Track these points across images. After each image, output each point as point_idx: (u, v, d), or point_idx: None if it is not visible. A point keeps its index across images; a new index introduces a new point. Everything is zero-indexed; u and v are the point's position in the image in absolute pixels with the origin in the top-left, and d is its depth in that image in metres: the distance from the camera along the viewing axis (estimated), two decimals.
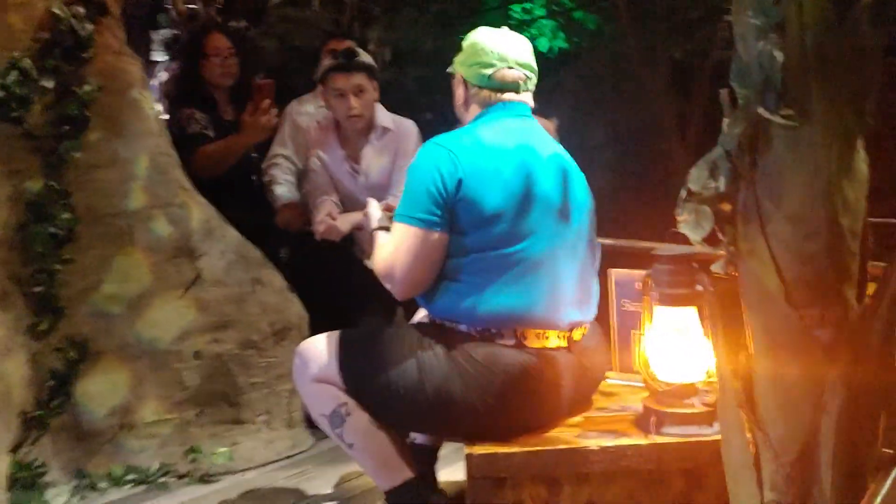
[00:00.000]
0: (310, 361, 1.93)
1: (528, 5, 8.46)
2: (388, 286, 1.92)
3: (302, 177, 3.08)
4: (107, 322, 2.62)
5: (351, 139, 2.96)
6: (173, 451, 2.65)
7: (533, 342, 1.83)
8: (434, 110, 4.74)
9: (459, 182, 1.81)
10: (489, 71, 1.94)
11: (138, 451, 2.63)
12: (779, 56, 1.36)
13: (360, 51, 2.92)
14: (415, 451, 2.09)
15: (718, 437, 1.82)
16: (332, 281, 2.88)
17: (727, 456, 1.60)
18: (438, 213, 1.82)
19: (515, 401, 1.80)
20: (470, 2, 5.78)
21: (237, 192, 3.08)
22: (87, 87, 2.58)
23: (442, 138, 1.91)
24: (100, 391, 2.61)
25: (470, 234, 1.82)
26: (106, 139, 2.62)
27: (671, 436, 1.81)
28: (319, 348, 1.94)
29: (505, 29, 2.03)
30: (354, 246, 3.16)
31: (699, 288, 1.84)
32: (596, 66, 5.85)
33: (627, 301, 2.25)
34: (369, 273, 3.07)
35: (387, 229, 2.05)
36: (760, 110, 1.40)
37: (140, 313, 2.64)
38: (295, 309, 2.80)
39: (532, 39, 8.57)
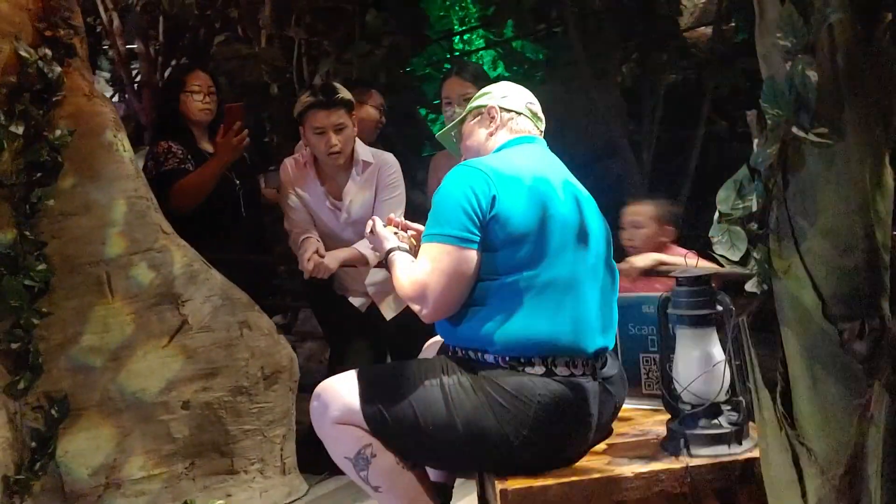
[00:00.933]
0: (330, 403, 1.87)
1: (466, 36, 8.59)
2: (417, 308, 1.87)
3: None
4: (88, 376, 2.49)
5: (330, 175, 2.91)
6: None
7: (562, 370, 1.81)
8: (386, 143, 4.75)
9: (494, 199, 1.81)
10: (524, 101, 2.08)
11: None
12: (813, 76, 1.39)
13: (339, 86, 2.89)
14: None
15: (749, 455, 1.84)
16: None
17: (768, 473, 1.60)
18: (474, 230, 1.81)
19: (549, 432, 1.77)
20: (418, 35, 5.82)
21: (228, 227, 3.00)
22: (58, 132, 2.47)
23: (471, 161, 1.94)
24: (83, 449, 2.49)
25: (500, 252, 1.82)
26: (80, 185, 2.51)
27: (702, 457, 1.80)
28: (339, 389, 1.88)
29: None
30: (334, 283, 3.11)
31: (719, 308, 1.86)
32: (545, 91, 5.94)
33: (632, 325, 2.25)
34: (353, 310, 3.04)
35: (404, 250, 2.02)
36: (795, 129, 1.42)
37: (123, 365, 2.53)
38: (285, 351, 2.72)
39: None
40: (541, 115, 2.11)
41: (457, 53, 7.51)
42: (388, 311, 3.02)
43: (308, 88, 2.88)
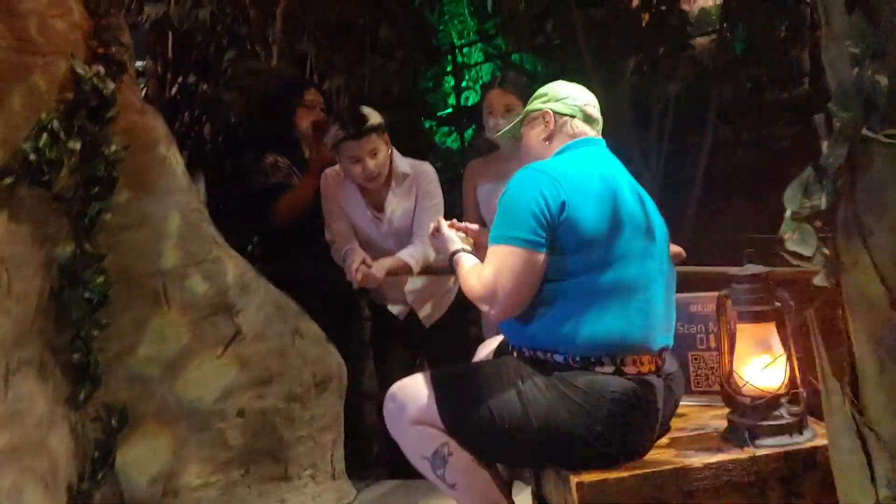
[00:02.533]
0: (407, 404, 1.93)
1: (466, 50, 8.69)
2: (486, 307, 1.94)
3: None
4: (145, 386, 2.55)
5: (371, 188, 2.98)
6: None
7: (630, 368, 1.88)
8: (403, 154, 4.85)
9: (563, 204, 1.86)
10: (579, 103, 2.10)
11: None
12: (882, 80, 1.47)
13: (367, 111, 2.94)
14: None
15: (811, 444, 1.92)
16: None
17: (836, 459, 1.68)
18: (543, 234, 1.87)
19: (622, 428, 1.85)
20: (427, 49, 5.90)
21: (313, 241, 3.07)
22: (113, 147, 2.53)
23: (539, 165, 1.99)
24: (141, 458, 2.53)
25: (570, 257, 1.88)
26: (135, 198, 2.57)
27: (767, 447, 1.88)
28: (415, 390, 1.95)
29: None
30: (371, 292, 3.17)
31: (777, 304, 1.95)
32: None
33: (681, 323, 2.33)
34: (392, 318, 3.10)
35: (468, 251, 2.09)
36: (865, 131, 1.51)
37: (179, 374, 2.58)
38: (334, 358, 2.78)
39: (474, 82, 8.79)
40: (597, 115, 2.14)
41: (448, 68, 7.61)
42: (427, 318, 3.09)
43: (337, 119, 2.92)
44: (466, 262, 2.05)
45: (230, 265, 2.67)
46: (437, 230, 2.20)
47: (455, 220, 2.26)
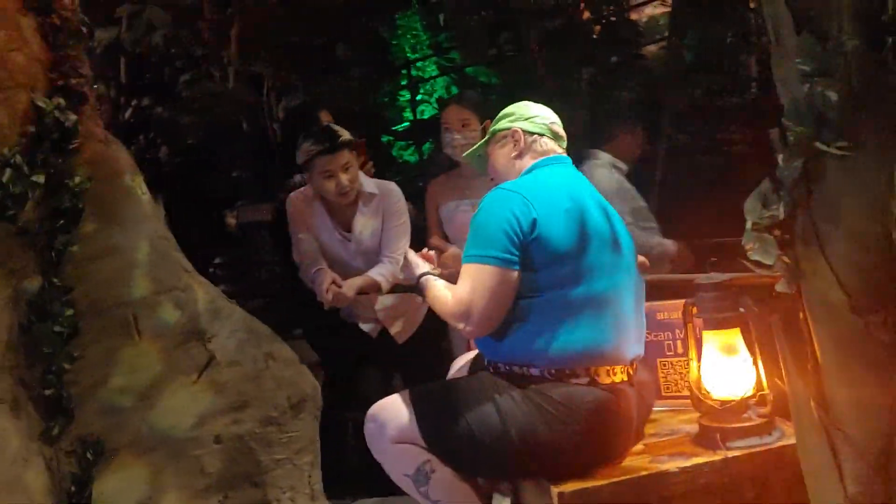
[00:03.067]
0: (387, 423, 1.96)
1: (419, 64, 8.76)
2: (461, 325, 1.99)
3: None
4: (118, 417, 2.52)
5: (338, 208, 3.00)
6: None
7: (604, 378, 1.94)
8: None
9: (534, 222, 1.92)
10: (546, 122, 2.17)
11: None
12: (832, 96, 1.55)
13: (337, 127, 2.98)
14: None
15: (780, 443, 1.99)
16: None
17: (805, 458, 1.75)
18: (515, 252, 1.92)
19: (598, 437, 1.90)
20: (384, 64, 5.95)
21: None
22: (77, 179, 2.51)
23: (509, 185, 2.05)
24: (117, 490, 2.50)
25: (542, 273, 1.93)
26: (101, 229, 2.55)
27: (738, 449, 1.95)
28: (394, 409, 1.98)
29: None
30: (341, 311, 3.20)
31: (742, 310, 2.02)
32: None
33: (648, 331, 2.40)
34: (364, 336, 3.13)
35: (435, 275, 2.13)
36: (818, 144, 1.59)
37: (153, 403, 2.56)
38: (308, 380, 2.79)
39: (429, 95, 8.85)
40: (562, 133, 2.21)
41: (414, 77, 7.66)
42: (399, 335, 3.12)
43: (309, 136, 2.95)
44: (434, 283, 2.10)
45: (200, 292, 2.66)
46: (405, 261, 2.25)
47: (424, 251, 2.30)
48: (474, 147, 2.36)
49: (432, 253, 2.30)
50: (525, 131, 2.16)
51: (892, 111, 1.59)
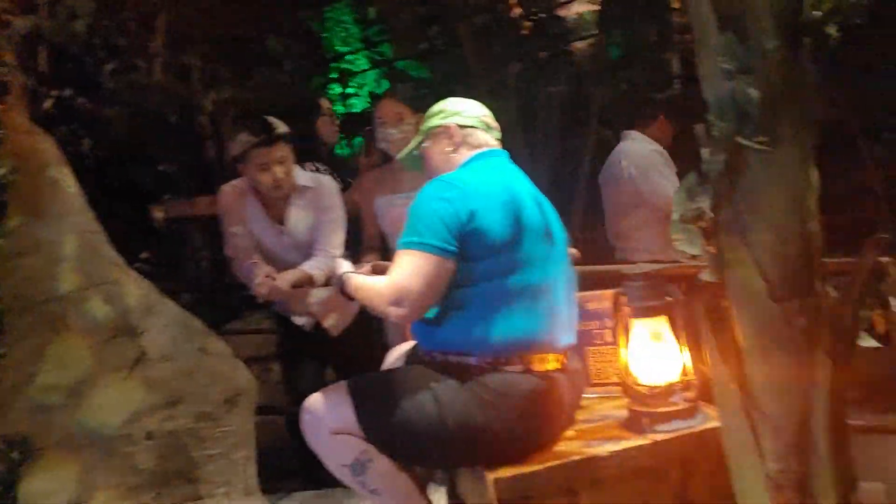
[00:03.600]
0: (324, 414, 1.97)
1: (349, 57, 8.72)
2: (392, 309, 1.97)
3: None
4: (46, 414, 2.47)
5: (272, 201, 2.98)
6: None
7: (538, 366, 1.98)
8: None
9: (472, 213, 1.94)
10: (478, 115, 2.20)
11: None
12: (754, 93, 1.63)
13: (274, 120, 2.96)
14: None
15: (704, 427, 2.08)
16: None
17: (728, 438, 1.83)
18: (453, 242, 1.94)
19: (533, 423, 1.95)
20: (316, 57, 5.90)
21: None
22: (1, 171, 2.45)
23: (447, 176, 2.07)
24: (46, 489, 2.45)
25: (478, 263, 1.96)
26: (27, 223, 2.49)
27: (666, 432, 2.03)
28: (332, 400, 1.99)
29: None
30: (275, 304, 3.18)
31: (669, 299, 2.10)
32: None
33: (578, 321, 2.46)
34: (297, 330, 3.12)
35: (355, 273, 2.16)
36: (739, 139, 1.66)
37: (82, 401, 2.51)
38: (243, 374, 2.77)
39: (359, 88, 8.83)
40: (495, 124, 2.24)
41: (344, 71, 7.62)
42: (333, 328, 3.11)
43: (245, 127, 2.92)
44: (358, 275, 2.12)
45: (132, 286, 2.62)
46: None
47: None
48: (408, 147, 2.36)
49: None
50: (459, 125, 2.18)
51: (808, 108, 1.68)
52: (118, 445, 2.54)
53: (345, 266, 2.21)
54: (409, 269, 1.96)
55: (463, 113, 2.21)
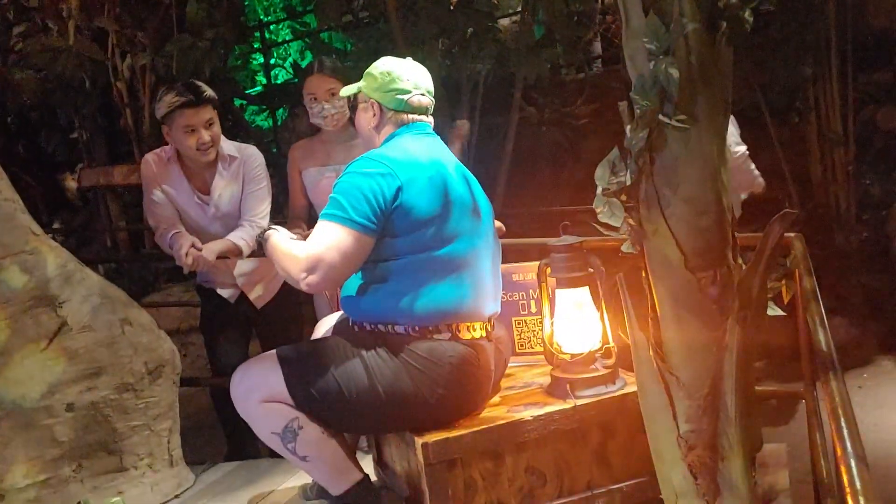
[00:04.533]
0: (254, 384, 1.98)
1: (272, 27, 8.57)
2: (303, 276, 1.97)
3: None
4: None
5: (196, 170, 2.94)
6: None
7: (465, 334, 2.04)
8: None
9: (398, 190, 1.96)
10: (405, 97, 2.14)
11: None
12: (674, 73, 1.70)
13: (203, 84, 2.91)
14: None
15: (622, 392, 2.18)
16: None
17: (644, 401, 1.93)
18: (374, 219, 1.96)
19: (460, 389, 2.01)
20: (238, 27, 5.78)
21: None
22: None
23: (374, 153, 2.06)
24: None
25: (403, 238, 1.99)
26: None
27: (586, 397, 2.12)
28: (261, 370, 2.00)
29: (410, 59, 2.23)
30: (198, 276, 3.15)
31: (591, 270, 2.18)
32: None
33: (504, 292, 2.53)
34: (222, 301, 3.10)
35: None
36: (661, 117, 1.74)
37: None
38: (166, 345, 2.74)
39: (283, 60, 8.76)
40: (426, 101, 2.17)
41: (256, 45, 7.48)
42: (258, 300, 3.11)
43: (171, 89, 2.86)
44: (281, 236, 2.10)
45: (50, 256, 2.55)
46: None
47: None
48: (347, 90, 2.25)
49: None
50: (383, 106, 2.15)
51: (723, 89, 1.78)
52: (37, 417, 2.50)
53: (278, 230, 2.18)
54: (327, 241, 1.97)
55: (392, 92, 2.13)
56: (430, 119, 2.22)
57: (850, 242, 5.21)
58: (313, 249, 1.98)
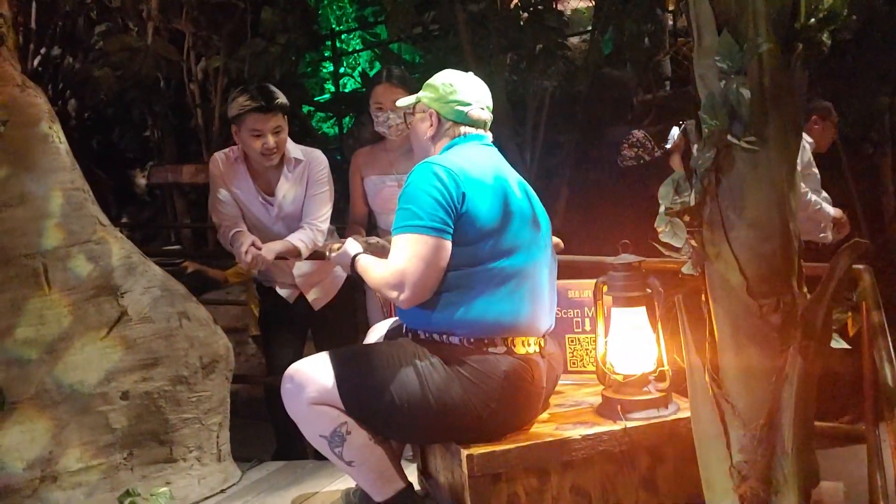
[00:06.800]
0: (306, 385, 1.99)
1: (344, 36, 8.69)
2: (394, 294, 2.00)
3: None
4: (23, 368, 2.47)
5: (262, 171, 2.99)
6: (103, 498, 2.54)
7: (519, 349, 2.02)
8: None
9: (464, 196, 1.96)
10: (466, 109, 2.14)
11: (64, 503, 2.50)
12: (745, 93, 1.67)
13: (275, 89, 2.96)
14: None
15: (675, 417, 2.13)
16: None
17: (697, 428, 1.88)
18: (449, 222, 1.96)
19: (511, 403, 1.98)
20: (310, 34, 5.88)
21: None
22: None
23: (437, 159, 2.05)
24: (18, 443, 2.46)
25: (465, 248, 1.98)
26: (15, 175, 2.48)
27: (637, 420, 2.08)
28: (313, 371, 2.01)
29: (472, 74, 2.23)
30: (259, 276, 3.20)
31: (648, 291, 2.14)
32: None
33: (558, 308, 2.50)
34: (281, 301, 3.14)
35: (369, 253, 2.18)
36: (729, 137, 1.70)
37: (59, 357, 2.51)
38: (222, 341, 2.78)
39: (352, 69, 8.88)
40: (484, 115, 2.17)
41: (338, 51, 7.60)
42: (316, 302, 3.14)
43: (244, 91, 2.91)
44: (367, 259, 2.13)
45: (115, 246, 2.62)
46: (340, 246, 2.27)
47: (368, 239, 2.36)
48: (405, 101, 2.28)
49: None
50: (441, 115, 2.15)
51: (795, 111, 1.73)
52: (93, 403, 2.55)
53: (354, 247, 2.22)
54: (406, 254, 1.97)
55: (452, 104, 2.14)
56: (489, 134, 2.21)
57: None
58: (395, 265, 1.99)
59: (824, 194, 4.07)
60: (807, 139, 3.98)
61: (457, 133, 2.15)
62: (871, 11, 4.77)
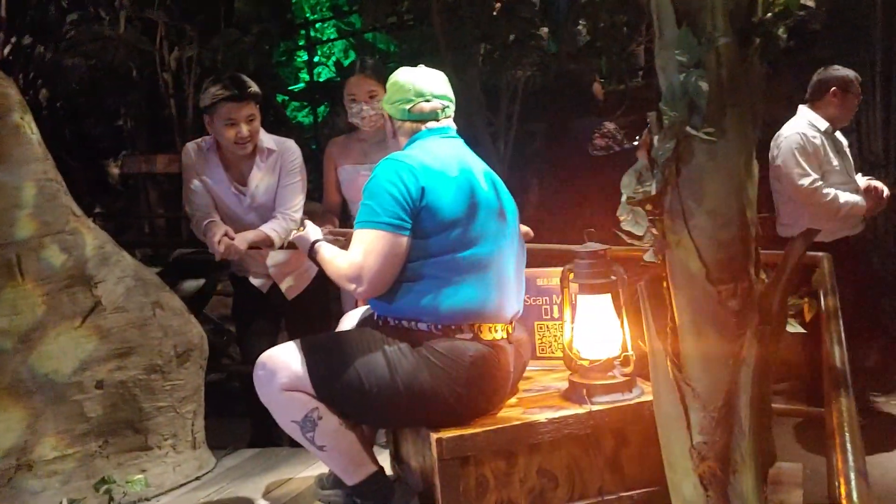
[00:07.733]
0: (277, 371, 2.03)
1: (318, 25, 8.67)
2: (352, 287, 2.05)
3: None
4: None
5: (234, 161, 3.01)
6: (79, 486, 2.57)
7: (486, 335, 2.07)
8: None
9: (423, 190, 2.01)
10: (408, 106, 2.19)
11: (40, 491, 2.52)
12: (704, 86, 1.72)
13: (247, 78, 2.97)
14: None
15: (639, 400, 2.19)
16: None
17: (659, 410, 1.94)
18: (406, 218, 2.01)
19: (478, 388, 2.03)
20: (284, 24, 5.87)
21: None
22: None
23: (398, 155, 2.11)
24: None
25: (430, 239, 2.03)
26: None
27: (602, 403, 2.13)
28: (285, 358, 2.04)
29: (422, 66, 2.28)
30: (232, 265, 3.22)
31: (613, 278, 2.19)
32: None
33: (527, 296, 2.55)
34: (254, 290, 3.16)
35: (329, 241, 2.21)
36: (688, 128, 1.76)
37: (34, 347, 2.53)
38: (196, 330, 2.81)
39: (326, 58, 8.87)
40: (435, 105, 2.19)
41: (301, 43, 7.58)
42: (289, 291, 3.17)
43: (217, 81, 2.93)
44: (328, 248, 2.18)
45: (88, 237, 2.64)
46: (299, 229, 2.31)
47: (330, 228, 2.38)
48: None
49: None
50: (391, 116, 2.24)
51: (753, 104, 1.79)
52: (67, 393, 2.58)
53: (315, 233, 2.25)
54: (364, 248, 2.03)
55: (398, 103, 2.20)
56: (448, 122, 2.25)
57: (887, 266, 5.14)
58: (353, 259, 2.05)
59: (859, 177, 3.94)
60: (816, 124, 3.86)
61: (411, 129, 2.20)
62: (839, 1, 4.86)
